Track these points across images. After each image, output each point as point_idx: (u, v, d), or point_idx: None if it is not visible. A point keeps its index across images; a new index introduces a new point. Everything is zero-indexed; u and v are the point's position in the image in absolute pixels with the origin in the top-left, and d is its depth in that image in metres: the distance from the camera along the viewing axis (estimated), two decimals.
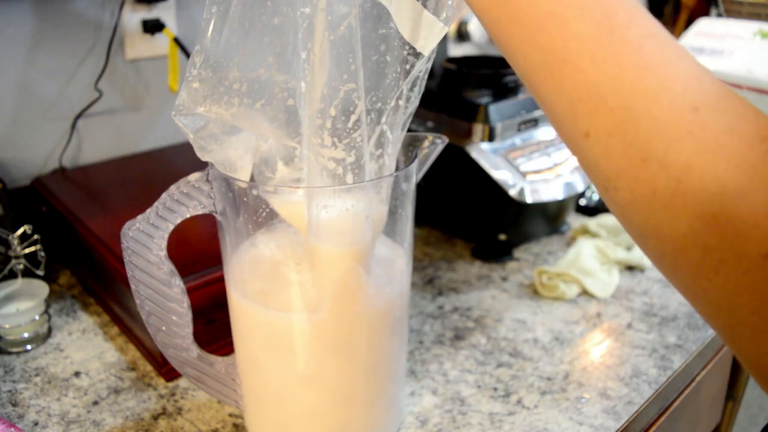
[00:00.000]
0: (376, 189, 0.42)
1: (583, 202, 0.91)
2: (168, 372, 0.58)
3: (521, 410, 0.55)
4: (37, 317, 0.62)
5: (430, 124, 0.80)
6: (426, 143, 0.48)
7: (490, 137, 0.75)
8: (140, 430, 0.52)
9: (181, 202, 0.43)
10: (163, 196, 0.43)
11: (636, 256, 0.77)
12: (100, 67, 0.80)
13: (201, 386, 0.49)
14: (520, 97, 0.79)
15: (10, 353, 0.61)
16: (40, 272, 0.65)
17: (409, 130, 0.45)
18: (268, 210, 0.43)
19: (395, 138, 0.43)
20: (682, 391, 0.65)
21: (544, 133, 0.80)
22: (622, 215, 0.30)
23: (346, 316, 0.45)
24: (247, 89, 0.39)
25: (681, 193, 0.27)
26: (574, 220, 0.88)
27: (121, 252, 0.44)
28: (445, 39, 0.95)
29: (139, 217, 0.43)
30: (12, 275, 0.65)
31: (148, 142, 0.88)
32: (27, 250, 0.65)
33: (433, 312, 0.69)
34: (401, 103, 0.42)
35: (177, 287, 0.45)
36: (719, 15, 1.27)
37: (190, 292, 0.47)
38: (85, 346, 0.63)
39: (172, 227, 0.43)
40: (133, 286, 0.45)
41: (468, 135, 0.75)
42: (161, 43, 0.85)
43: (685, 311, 0.69)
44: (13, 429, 0.50)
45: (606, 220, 0.83)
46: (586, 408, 0.55)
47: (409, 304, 0.61)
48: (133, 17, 0.82)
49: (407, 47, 0.39)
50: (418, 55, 0.39)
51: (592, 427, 0.53)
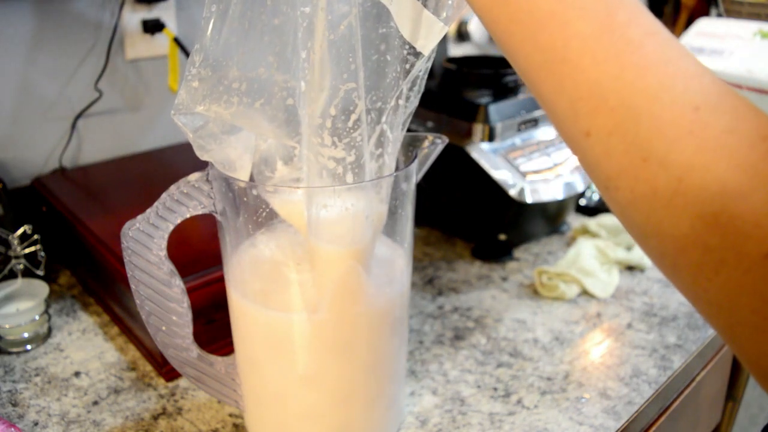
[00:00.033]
0: (376, 189, 0.42)
1: (583, 202, 0.91)
2: (168, 372, 0.58)
3: (521, 410, 0.55)
4: (37, 317, 0.62)
5: (430, 124, 0.80)
6: (426, 143, 0.48)
7: (490, 137, 0.75)
8: (140, 430, 0.52)
9: (181, 202, 0.43)
10: (163, 196, 0.43)
11: (636, 256, 0.77)
12: (100, 67, 0.80)
13: (201, 386, 0.49)
14: (520, 97, 0.79)
15: (10, 353, 0.61)
16: (40, 272, 0.65)
17: (409, 130, 0.45)
18: (268, 210, 0.43)
19: (395, 137, 0.43)
20: (682, 391, 0.65)
21: (544, 133, 0.80)
22: (622, 215, 0.30)
23: (346, 316, 0.44)
24: (246, 88, 0.39)
25: (682, 192, 0.27)
26: (574, 220, 0.88)
27: (121, 252, 0.44)
28: (445, 39, 0.95)
29: (139, 217, 0.43)
30: (12, 275, 0.65)
31: (148, 142, 0.88)
32: (27, 250, 0.64)
33: (433, 312, 0.69)
34: (401, 102, 0.42)
35: (177, 287, 0.45)
36: (719, 15, 1.27)
37: (190, 292, 0.47)
38: (85, 346, 0.63)
39: (172, 227, 0.43)
40: (133, 286, 0.45)
41: (468, 135, 0.75)
42: (161, 43, 0.85)
43: (685, 311, 0.69)
44: (13, 429, 0.50)
45: (606, 220, 0.83)
46: (586, 408, 0.55)
47: (409, 304, 0.61)
48: (133, 17, 0.82)
49: (407, 47, 0.39)
50: (418, 55, 0.39)
51: (592, 427, 0.53)
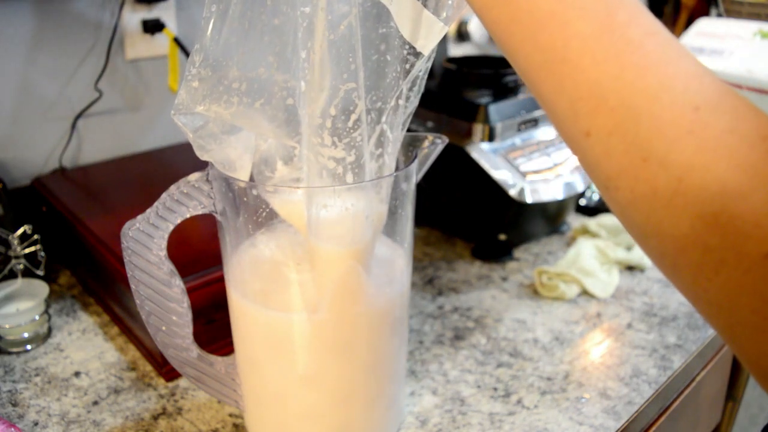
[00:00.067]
0: (376, 189, 0.42)
1: (583, 202, 0.91)
2: (168, 372, 0.58)
3: (521, 410, 0.55)
4: (37, 317, 0.62)
5: (430, 124, 0.80)
6: (426, 143, 0.48)
7: (490, 137, 0.75)
8: (140, 430, 0.52)
9: (181, 202, 0.43)
10: (163, 196, 0.43)
11: (636, 256, 0.77)
12: (100, 67, 0.80)
13: (201, 386, 0.49)
14: (520, 97, 0.79)
15: (10, 353, 0.61)
16: (40, 272, 0.65)
17: (409, 130, 0.45)
18: (268, 210, 0.43)
19: (395, 137, 0.43)
20: (682, 391, 0.65)
21: (544, 133, 0.80)
22: (622, 215, 0.30)
23: (346, 316, 0.44)
24: (246, 88, 0.39)
25: (682, 192, 0.27)
26: (574, 220, 0.88)
27: (121, 252, 0.44)
28: (445, 39, 0.95)
29: (139, 217, 0.43)
30: (12, 275, 0.65)
31: (148, 142, 0.88)
32: (27, 250, 0.64)
33: (433, 312, 0.69)
34: (401, 102, 0.42)
35: (177, 287, 0.45)
36: (719, 15, 1.27)
37: (190, 292, 0.47)
38: (85, 346, 0.63)
39: (172, 227, 0.43)
40: (133, 286, 0.45)
41: (468, 135, 0.75)
42: (161, 43, 0.85)
43: (685, 311, 0.69)
44: (13, 429, 0.50)
45: (606, 220, 0.83)
46: (586, 408, 0.55)
47: (409, 304, 0.60)
48: (133, 17, 0.82)
49: (407, 46, 0.39)
50: (418, 55, 0.39)
51: (592, 427, 0.53)
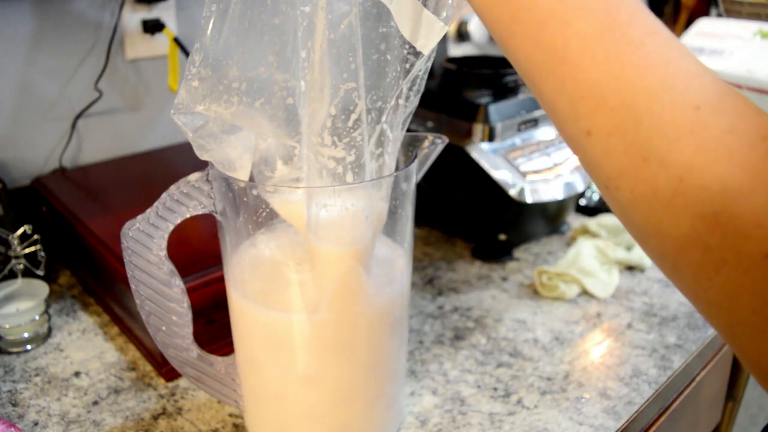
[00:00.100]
0: (376, 188, 0.42)
1: (583, 202, 0.91)
2: (168, 372, 0.58)
3: (521, 410, 0.55)
4: (37, 317, 0.62)
5: (430, 124, 0.80)
6: (426, 143, 0.48)
7: (490, 137, 0.75)
8: (140, 430, 0.52)
9: (181, 202, 0.43)
10: (163, 196, 0.43)
11: (636, 256, 0.77)
12: (100, 67, 0.80)
13: (201, 386, 0.49)
14: (520, 97, 0.79)
15: (10, 353, 0.61)
16: (40, 272, 0.65)
17: (409, 130, 0.45)
18: (268, 210, 0.43)
19: (395, 137, 0.43)
20: (682, 391, 0.65)
21: (544, 133, 0.80)
22: (623, 214, 0.30)
23: (346, 316, 0.44)
24: (246, 88, 0.39)
25: (682, 192, 0.27)
26: (574, 220, 0.88)
27: (121, 252, 0.44)
28: (445, 39, 0.95)
29: (139, 217, 0.43)
30: (12, 275, 0.65)
31: (148, 142, 0.88)
32: (27, 250, 0.64)
33: (433, 312, 0.69)
34: (401, 102, 0.42)
35: (177, 287, 0.45)
36: (719, 15, 1.27)
37: (190, 292, 0.47)
38: (85, 346, 0.63)
39: (172, 227, 0.43)
40: (133, 286, 0.45)
41: (468, 135, 0.75)
42: (161, 43, 0.85)
43: (685, 311, 0.69)
44: (13, 429, 0.50)
45: (606, 220, 0.83)
46: (586, 408, 0.55)
47: (409, 304, 0.60)
48: (133, 17, 0.82)
49: (407, 46, 0.39)
50: (418, 54, 0.39)
51: (592, 427, 0.53)
